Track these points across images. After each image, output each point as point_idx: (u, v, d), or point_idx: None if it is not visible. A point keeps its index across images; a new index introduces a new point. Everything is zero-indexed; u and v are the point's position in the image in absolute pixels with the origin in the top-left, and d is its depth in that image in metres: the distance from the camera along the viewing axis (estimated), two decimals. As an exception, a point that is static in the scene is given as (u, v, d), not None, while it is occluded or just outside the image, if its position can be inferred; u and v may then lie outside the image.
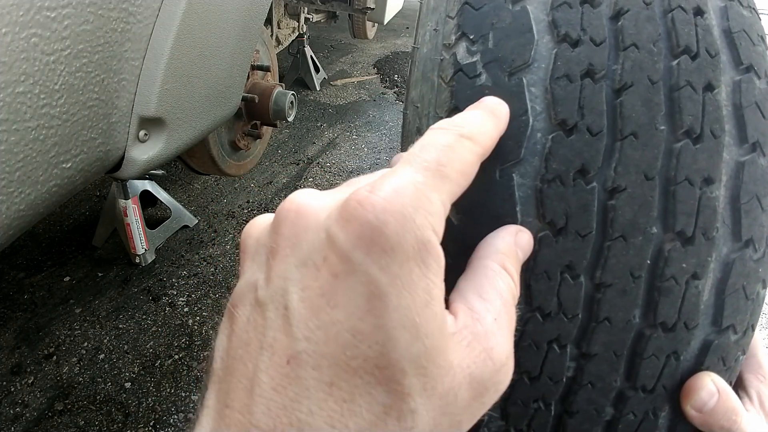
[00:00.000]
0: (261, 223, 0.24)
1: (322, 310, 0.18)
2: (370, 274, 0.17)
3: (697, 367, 0.29)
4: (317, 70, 3.21)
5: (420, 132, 0.33)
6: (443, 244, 0.28)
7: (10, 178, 0.50)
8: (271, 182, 2.11)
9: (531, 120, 0.27)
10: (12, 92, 0.48)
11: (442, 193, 0.20)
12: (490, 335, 0.21)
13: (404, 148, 0.59)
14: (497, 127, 0.26)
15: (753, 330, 0.30)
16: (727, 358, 0.29)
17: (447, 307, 0.22)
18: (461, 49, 0.30)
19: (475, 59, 0.29)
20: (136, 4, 0.62)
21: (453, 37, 0.30)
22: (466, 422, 0.20)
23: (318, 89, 3.19)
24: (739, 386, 0.32)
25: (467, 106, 0.28)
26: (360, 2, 2.21)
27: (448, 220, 0.28)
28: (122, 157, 0.70)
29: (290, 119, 1.30)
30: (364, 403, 0.18)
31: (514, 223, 0.27)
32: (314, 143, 2.52)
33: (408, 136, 0.55)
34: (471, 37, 0.29)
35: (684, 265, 0.27)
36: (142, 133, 0.71)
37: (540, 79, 0.28)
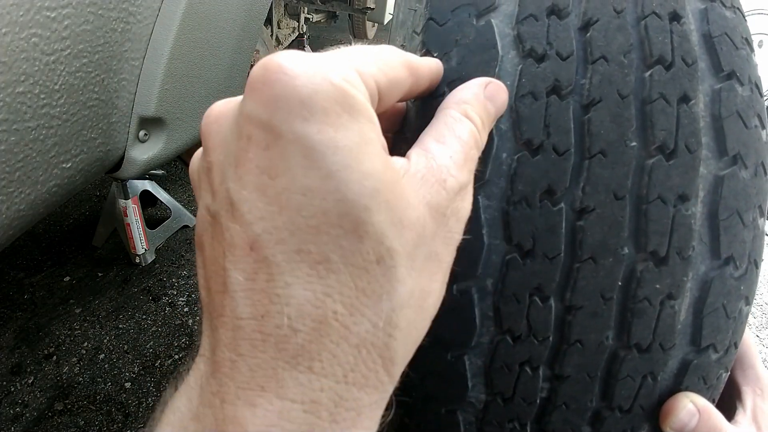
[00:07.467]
0: (196, 155, 0.23)
1: (266, 185, 0.17)
2: (297, 131, 0.17)
3: (676, 387, 0.28)
4: (317, 70, 3.21)
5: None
6: None
7: (10, 178, 0.50)
8: (271, 182, 2.11)
9: (496, 140, 0.26)
10: (12, 92, 0.48)
11: (363, 71, 0.19)
12: (444, 168, 0.21)
13: None
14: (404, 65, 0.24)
15: (736, 347, 0.29)
16: (708, 377, 0.28)
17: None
18: None
19: None
20: (136, 4, 0.62)
21: (418, 54, 0.29)
22: (444, 253, 0.20)
23: (318, 89, 3.19)
24: (735, 396, 0.32)
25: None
26: (360, 2, 2.21)
27: None
28: (122, 157, 0.70)
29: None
30: (339, 258, 0.17)
31: (481, 246, 0.26)
32: (314, 143, 2.52)
33: None
34: (435, 54, 0.28)
35: (658, 286, 0.26)
36: (142, 133, 0.71)
37: None
